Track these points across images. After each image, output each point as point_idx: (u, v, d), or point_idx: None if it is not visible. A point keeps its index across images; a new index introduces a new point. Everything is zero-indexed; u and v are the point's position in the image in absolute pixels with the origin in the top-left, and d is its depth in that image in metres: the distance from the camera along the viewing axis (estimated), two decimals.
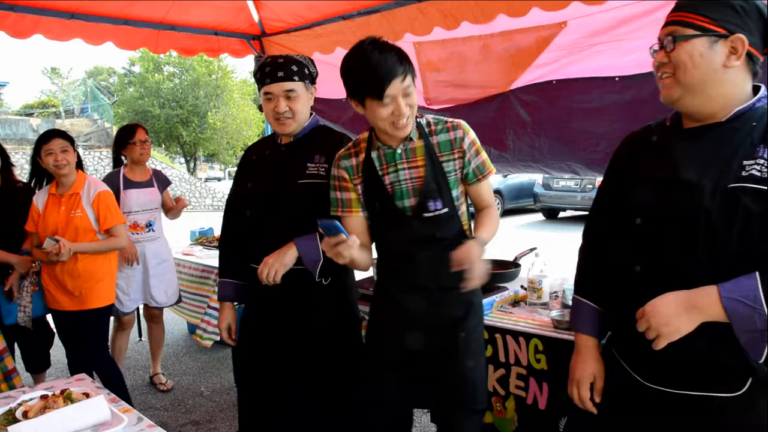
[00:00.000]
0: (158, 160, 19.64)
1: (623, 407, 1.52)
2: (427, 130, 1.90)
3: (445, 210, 1.86)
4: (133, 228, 3.73)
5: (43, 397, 1.90)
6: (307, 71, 2.13)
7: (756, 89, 1.38)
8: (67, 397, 1.89)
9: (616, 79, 2.81)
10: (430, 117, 1.95)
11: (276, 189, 2.17)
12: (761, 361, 1.30)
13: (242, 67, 74.34)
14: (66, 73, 30.69)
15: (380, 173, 1.89)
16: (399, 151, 1.87)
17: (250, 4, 4.18)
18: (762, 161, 1.27)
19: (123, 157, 3.82)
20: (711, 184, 1.30)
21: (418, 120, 1.89)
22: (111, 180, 3.67)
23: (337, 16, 3.82)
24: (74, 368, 3.12)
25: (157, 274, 3.84)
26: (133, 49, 4.19)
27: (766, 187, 1.25)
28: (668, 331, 1.29)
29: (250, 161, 2.33)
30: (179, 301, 4.11)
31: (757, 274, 1.23)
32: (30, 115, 20.39)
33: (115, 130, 20.54)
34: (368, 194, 1.93)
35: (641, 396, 1.46)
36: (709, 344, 1.33)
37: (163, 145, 26.59)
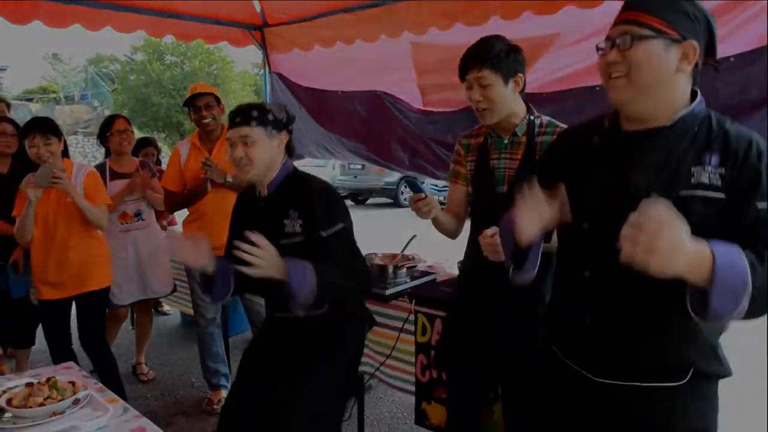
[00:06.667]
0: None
1: (571, 403, 1.52)
2: (537, 130, 2.06)
3: None
4: (122, 218, 3.73)
5: (28, 385, 1.88)
6: (271, 117, 2.07)
7: (693, 94, 1.37)
8: (53, 385, 1.87)
9: (597, 88, 2.81)
10: (545, 119, 2.10)
11: None
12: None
13: (242, 57, 74.10)
14: (68, 60, 30.40)
15: (489, 156, 2.10)
16: (505, 141, 2.09)
17: None
18: (710, 167, 1.28)
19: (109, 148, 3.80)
20: (661, 191, 1.27)
21: (532, 119, 2.07)
22: (98, 172, 3.63)
23: (340, 9, 3.80)
24: (58, 359, 3.08)
25: (152, 263, 3.82)
26: (131, 32, 4.15)
27: (717, 194, 1.27)
28: (667, 231, 1.10)
29: (239, 212, 2.33)
30: (175, 290, 4.10)
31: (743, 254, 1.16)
32: (30, 100, 20.29)
33: None
34: (476, 172, 2.15)
35: (588, 390, 1.46)
36: (654, 343, 1.36)
37: (164, 133, 26.44)
